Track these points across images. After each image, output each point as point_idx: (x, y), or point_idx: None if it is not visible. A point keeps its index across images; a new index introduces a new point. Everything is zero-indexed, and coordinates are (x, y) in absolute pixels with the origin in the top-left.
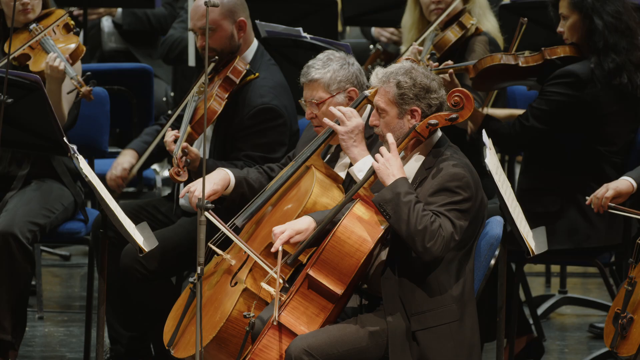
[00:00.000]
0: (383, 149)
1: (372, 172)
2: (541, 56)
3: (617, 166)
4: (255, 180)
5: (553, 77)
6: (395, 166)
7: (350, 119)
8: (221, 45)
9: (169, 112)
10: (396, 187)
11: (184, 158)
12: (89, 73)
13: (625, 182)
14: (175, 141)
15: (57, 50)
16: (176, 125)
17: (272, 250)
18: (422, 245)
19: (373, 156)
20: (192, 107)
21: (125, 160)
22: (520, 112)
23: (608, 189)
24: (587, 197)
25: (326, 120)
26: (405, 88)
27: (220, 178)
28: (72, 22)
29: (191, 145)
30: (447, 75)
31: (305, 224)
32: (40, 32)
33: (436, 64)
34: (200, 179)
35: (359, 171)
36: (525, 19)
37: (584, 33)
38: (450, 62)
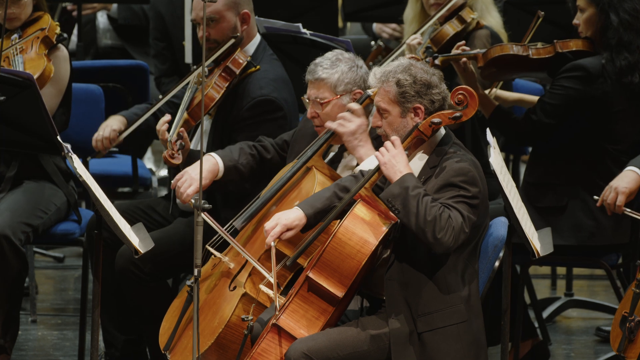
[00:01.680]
0: (388, 144)
1: (376, 171)
2: (553, 48)
3: (623, 165)
4: (245, 165)
5: (563, 71)
6: (402, 162)
7: (352, 120)
8: (223, 37)
9: (160, 97)
10: (404, 181)
11: (178, 141)
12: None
13: (633, 176)
14: (168, 130)
15: None
16: (168, 111)
17: (266, 247)
18: (433, 236)
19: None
20: (190, 94)
21: (114, 123)
22: (529, 97)
23: (618, 193)
24: (595, 197)
25: (328, 123)
26: (405, 86)
27: (209, 170)
28: (56, 32)
29: (188, 134)
30: (460, 63)
31: (296, 219)
32: (12, 45)
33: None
34: (187, 170)
35: (367, 168)
36: (542, 13)
37: (599, 28)
38: (464, 44)
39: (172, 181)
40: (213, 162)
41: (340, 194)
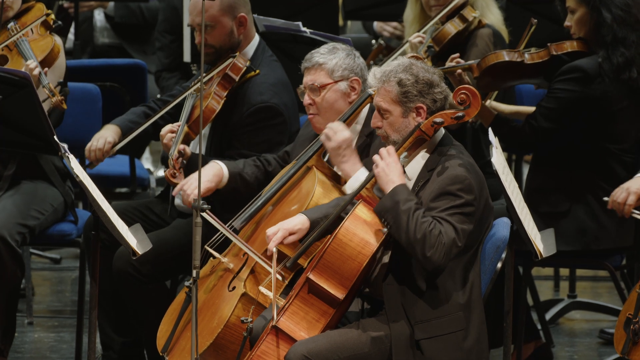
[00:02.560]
0: (383, 151)
1: (374, 175)
2: (547, 52)
3: (627, 165)
4: (251, 175)
5: (560, 74)
6: (395, 172)
7: (336, 134)
8: (220, 42)
9: (158, 95)
10: (395, 194)
11: (180, 159)
12: (60, 80)
13: None
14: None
15: (32, 56)
16: (168, 115)
17: (268, 253)
18: (422, 254)
19: (372, 157)
20: (190, 105)
21: (109, 134)
22: (526, 109)
23: (629, 194)
24: (605, 199)
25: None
26: (408, 85)
27: (214, 174)
28: (52, 18)
29: (188, 144)
30: (455, 75)
31: (299, 223)
32: (17, 33)
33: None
34: (193, 176)
35: (351, 189)
36: (535, 20)
37: (592, 27)
38: (458, 56)
39: (175, 188)
40: (217, 167)
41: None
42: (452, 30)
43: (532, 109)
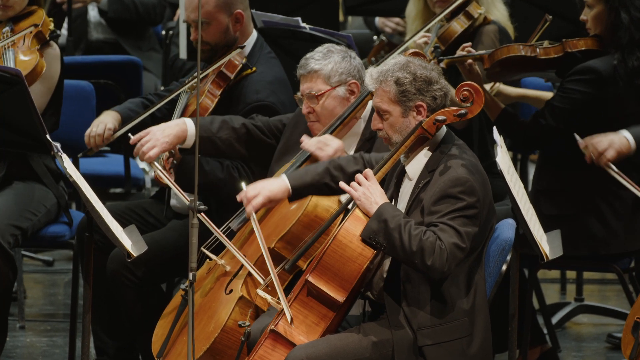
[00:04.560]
0: (360, 177)
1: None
2: (561, 48)
3: (637, 168)
4: (224, 140)
5: (573, 73)
6: (376, 192)
7: (329, 144)
8: (215, 39)
9: (161, 88)
10: (381, 214)
11: (170, 159)
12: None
13: (625, 142)
14: None
15: None
16: (167, 110)
17: (246, 216)
18: (423, 264)
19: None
20: (183, 103)
21: (109, 121)
22: (532, 92)
23: (610, 147)
24: (578, 138)
25: (306, 145)
26: (405, 84)
27: (174, 135)
28: (49, 28)
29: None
30: (465, 64)
31: (280, 191)
32: (5, 40)
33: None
34: (154, 130)
35: None
36: (550, 16)
37: (609, 26)
38: (469, 46)
39: (132, 137)
40: (182, 129)
41: (334, 172)
42: (458, 28)
43: (540, 93)
